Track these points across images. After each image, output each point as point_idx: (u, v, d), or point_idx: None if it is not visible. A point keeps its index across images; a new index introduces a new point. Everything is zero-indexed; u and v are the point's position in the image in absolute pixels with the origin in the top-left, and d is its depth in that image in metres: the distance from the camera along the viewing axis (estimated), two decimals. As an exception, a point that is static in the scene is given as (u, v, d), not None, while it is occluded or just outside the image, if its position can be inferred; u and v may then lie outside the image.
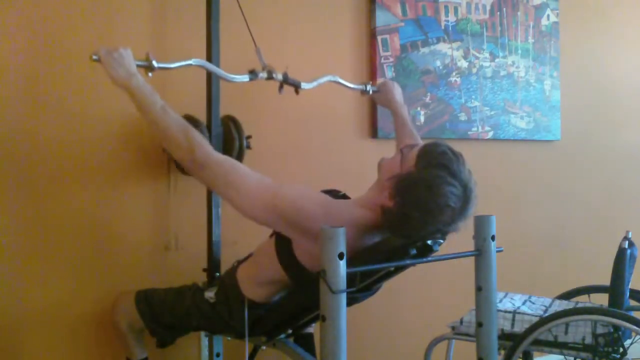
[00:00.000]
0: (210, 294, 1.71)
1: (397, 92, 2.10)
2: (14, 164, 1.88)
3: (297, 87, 1.89)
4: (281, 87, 1.86)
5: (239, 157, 2.04)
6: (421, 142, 1.84)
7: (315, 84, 1.96)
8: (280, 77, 1.84)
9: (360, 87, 2.11)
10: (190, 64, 1.66)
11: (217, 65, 1.93)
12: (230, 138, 2.02)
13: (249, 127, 2.09)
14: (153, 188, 2.10)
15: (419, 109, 2.65)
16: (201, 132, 1.92)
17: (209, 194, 2.00)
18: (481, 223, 1.61)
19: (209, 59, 1.94)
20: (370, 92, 2.11)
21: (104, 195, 2.02)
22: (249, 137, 2.07)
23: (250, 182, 1.52)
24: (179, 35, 2.13)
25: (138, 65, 1.54)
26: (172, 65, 1.63)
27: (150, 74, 1.57)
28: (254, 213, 1.52)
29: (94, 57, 1.51)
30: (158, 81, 1.62)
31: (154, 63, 1.56)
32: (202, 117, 1.99)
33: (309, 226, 1.46)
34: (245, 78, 1.76)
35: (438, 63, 2.70)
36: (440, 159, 1.44)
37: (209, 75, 1.97)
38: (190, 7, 2.12)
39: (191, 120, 1.96)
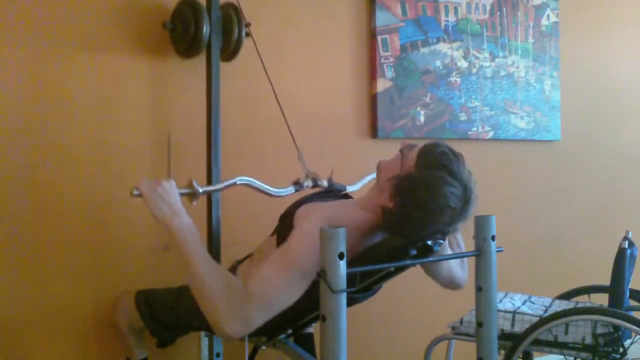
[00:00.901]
0: (210, 294, 1.70)
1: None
2: (14, 164, 1.88)
3: (342, 191, 1.85)
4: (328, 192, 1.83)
5: (238, 45, 2.05)
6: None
7: (360, 185, 1.94)
8: (325, 183, 1.81)
9: None
10: (236, 183, 1.58)
11: (218, 67, 1.93)
12: (229, 24, 2.02)
13: (249, 128, 2.09)
14: (153, 188, 2.10)
15: (419, 109, 2.65)
16: (201, 16, 1.90)
17: (209, 195, 2.00)
18: (481, 223, 1.61)
19: (209, 62, 1.94)
20: None
21: (103, 195, 2.01)
22: (248, 24, 2.06)
23: (279, 282, 1.39)
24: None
25: (182, 194, 1.45)
26: (218, 187, 1.56)
27: (194, 203, 1.48)
28: (302, 291, 1.42)
29: (135, 192, 1.42)
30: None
31: (199, 189, 1.47)
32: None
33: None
34: (291, 190, 1.72)
35: (438, 63, 2.70)
36: (440, 159, 1.44)
37: (209, 76, 1.96)
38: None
39: (192, 3, 1.95)
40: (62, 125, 1.95)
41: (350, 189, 1.89)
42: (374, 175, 1.91)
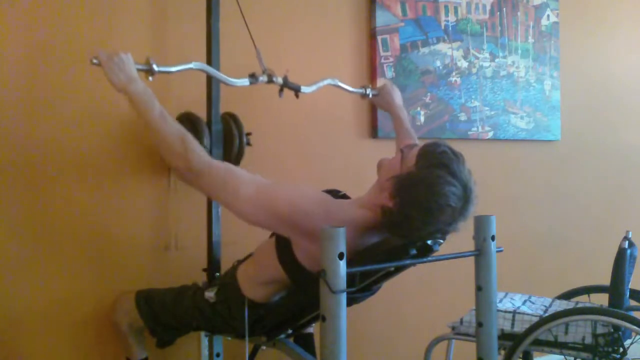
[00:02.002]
0: (210, 294, 1.71)
1: (397, 95, 2.11)
2: (14, 164, 1.88)
3: (297, 91, 1.89)
4: (281, 90, 1.86)
5: (239, 155, 2.05)
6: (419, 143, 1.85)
7: (314, 87, 1.96)
8: (280, 80, 1.84)
9: (360, 90, 2.11)
10: (191, 68, 1.66)
11: (217, 68, 1.93)
12: (230, 135, 2.02)
13: (249, 125, 2.09)
14: (153, 188, 2.10)
15: (419, 109, 2.65)
16: (201, 130, 1.93)
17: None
18: (481, 223, 1.61)
19: (209, 61, 1.95)
20: (370, 95, 2.12)
21: (104, 195, 2.01)
22: (249, 134, 2.07)
23: (249, 186, 1.51)
24: (179, 38, 2.12)
25: (138, 69, 1.54)
26: (173, 69, 1.62)
27: (150, 78, 1.56)
28: (255, 218, 1.51)
29: (94, 61, 1.51)
30: (158, 79, 1.61)
31: (155, 67, 1.55)
32: (202, 114, 1.98)
33: (309, 226, 1.46)
34: (245, 82, 1.76)
35: (438, 63, 2.70)
36: (440, 159, 1.44)
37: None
38: (190, 10, 2.12)
39: (191, 117, 1.96)
40: (62, 125, 1.95)
41: (305, 90, 1.90)
42: (328, 80, 2.00)
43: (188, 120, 1.95)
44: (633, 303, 2.24)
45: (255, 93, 2.24)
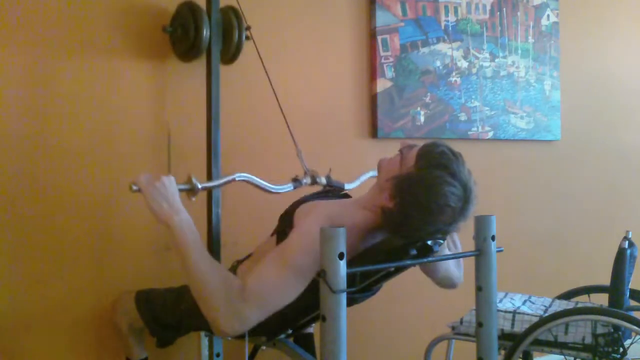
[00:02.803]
0: (210, 294, 1.70)
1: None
2: (14, 164, 1.88)
3: (341, 189, 1.86)
4: (326, 191, 1.83)
5: (238, 47, 2.04)
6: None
7: (358, 183, 1.94)
8: (324, 180, 1.82)
9: None
10: (235, 179, 1.58)
11: (218, 67, 1.93)
12: (229, 27, 2.02)
13: (249, 128, 2.09)
14: (153, 188, 2.10)
15: (419, 109, 2.65)
16: (201, 19, 1.90)
17: (209, 194, 2.00)
18: (481, 223, 1.61)
19: (209, 60, 1.94)
20: None
21: (104, 195, 2.01)
22: (248, 27, 2.05)
23: (277, 281, 1.39)
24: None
25: (181, 190, 1.44)
26: (216, 184, 1.56)
27: (193, 199, 1.47)
28: (300, 291, 1.42)
29: (134, 187, 1.40)
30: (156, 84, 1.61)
31: (198, 185, 1.46)
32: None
33: None
34: (289, 187, 1.72)
35: (438, 63, 2.70)
36: (440, 159, 1.44)
37: (209, 77, 1.96)
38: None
39: (191, 6, 1.95)
40: (62, 126, 1.95)
41: (348, 187, 1.89)
42: (372, 173, 1.92)
43: (188, 9, 1.96)
44: (633, 303, 2.24)
45: (255, 94, 2.24)
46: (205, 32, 1.91)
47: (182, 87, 2.13)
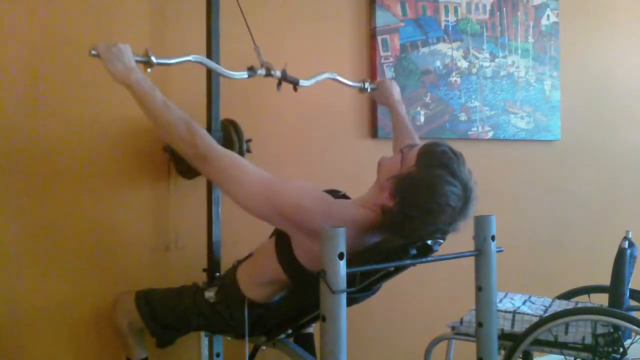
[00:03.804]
0: (210, 294, 1.71)
1: (395, 90, 2.11)
2: (14, 164, 1.88)
3: (295, 84, 1.89)
4: (279, 84, 1.86)
5: None
6: (418, 141, 1.85)
7: (313, 81, 1.96)
8: (278, 73, 1.84)
9: (358, 84, 2.11)
10: (190, 60, 1.66)
11: (217, 63, 1.93)
12: (230, 142, 2.02)
13: (248, 128, 2.09)
14: (153, 188, 2.10)
15: (419, 109, 2.65)
16: None
17: (209, 194, 2.00)
18: (481, 223, 1.61)
19: (209, 56, 1.94)
20: (369, 89, 2.12)
21: (104, 195, 2.02)
22: (249, 140, 2.07)
23: (252, 177, 1.51)
24: (179, 38, 2.12)
25: (137, 61, 1.54)
26: (171, 61, 1.63)
27: (149, 70, 1.57)
28: (254, 208, 1.51)
29: (93, 52, 1.51)
30: (157, 83, 1.61)
31: (153, 59, 1.56)
32: (202, 121, 1.98)
33: (309, 223, 1.46)
34: (243, 74, 1.76)
35: (438, 63, 2.70)
36: (441, 159, 1.44)
37: (209, 78, 1.97)
38: (190, 10, 2.12)
39: None
40: (62, 125, 1.95)
41: (303, 83, 1.90)
42: (327, 75, 1.98)
43: None
44: (633, 303, 2.24)
45: (255, 94, 2.24)
46: None
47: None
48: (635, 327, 1.87)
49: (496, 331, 1.65)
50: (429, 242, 1.49)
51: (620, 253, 2.04)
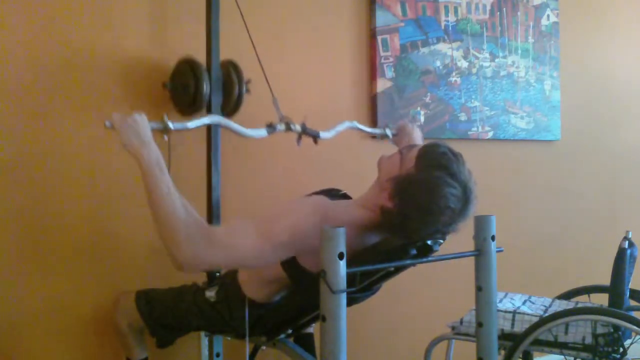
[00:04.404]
0: (210, 294, 1.71)
1: (417, 137, 2.05)
2: (14, 164, 1.88)
3: (315, 138, 1.86)
4: (299, 138, 1.84)
5: (238, 102, 2.05)
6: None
7: (333, 132, 1.94)
8: (298, 128, 1.82)
9: (379, 131, 2.09)
10: (207, 123, 1.62)
11: (217, 65, 1.93)
12: (229, 82, 2.02)
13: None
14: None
15: (419, 109, 2.65)
16: (201, 75, 1.90)
17: (209, 194, 2.00)
18: (481, 223, 1.61)
19: (209, 57, 1.94)
20: (390, 135, 2.08)
21: (104, 195, 2.02)
22: (248, 81, 2.06)
23: (246, 238, 1.43)
24: (178, 37, 2.12)
25: (153, 128, 1.47)
26: (189, 125, 1.57)
27: (165, 137, 1.50)
28: (268, 262, 1.47)
29: (107, 124, 1.44)
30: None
31: (170, 125, 1.49)
32: (201, 59, 1.98)
33: (311, 243, 1.42)
34: (262, 132, 1.72)
35: (438, 63, 2.70)
36: (440, 160, 1.44)
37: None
38: (190, 10, 2.12)
39: (191, 62, 1.96)
40: (61, 125, 1.95)
41: (323, 135, 1.89)
42: (347, 124, 1.97)
43: (188, 66, 1.96)
44: (633, 303, 2.24)
45: (256, 93, 2.24)
46: (206, 89, 1.92)
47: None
48: (635, 327, 1.87)
49: (496, 331, 1.65)
50: (429, 242, 1.49)
51: (620, 253, 2.04)
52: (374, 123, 2.53)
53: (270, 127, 1.74)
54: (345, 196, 1.78)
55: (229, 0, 1.98)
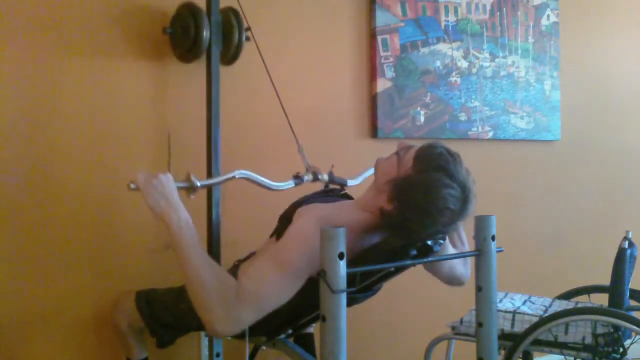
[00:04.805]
0: (210, 294, 1.70)
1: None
2: (13, 164, 1.88)
3: (343, 186, 1.86)
4: (326, 186, 1.84)
5: (238, 48, 2.04)
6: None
7: (361, 179, 1.93)
8: (325, 177, 1.82)
9: None
10: (235, 177, 1.59)
11: (217, 64, 1.93)
12: (229, 28, 2.02)
13: (249, 125, 2.08)
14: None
15: (419, 109, 2.65)
16: (201, 20, 1.90)
17: (209, 194, 2.00)
18: (481, 223, 1.61)
19: (209, 57, 1.94)
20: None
21: (104, 195, 2.01)
22: (248, 28, 2.05)
23: (271, 281, 1.41)
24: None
25: (179, 187, 1.44)
26: (215, 181, 1.56)
27: (192, 196, 1.47)
28: (295, 291, 1.44)
29: (132, 186, 1.41)
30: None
31: (197, 182, 1.46)
32: (201, 5, 1.97)
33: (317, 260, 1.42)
34: (291, 184, 1.71)
35: (438, 63, 2.70)
36: (438, 161, 1.44)
37: None
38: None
39: (191, 7, 1.95)
40: (62, 125, 1.95)
41: (351, 183, 1.89)
42: (372, 171, 1.91)
43: (188, 11, 1.96)
44: (633, 303, 2.24)
45: (255, 92, 2.24)
46: (205, 33, 1.91)
47: (183, 87, 2.13)
48: (635, 327, 1.87)
49: (496, 331, 1.65)
50: (429, 242, 1.49)
51: (620, 253, 2.04)
52: (374, 123, 2.53)
53: (298, 178, 1.73)
54: (346, 196, 1.78)
55: (229, 1, 1.98)
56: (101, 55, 2.00)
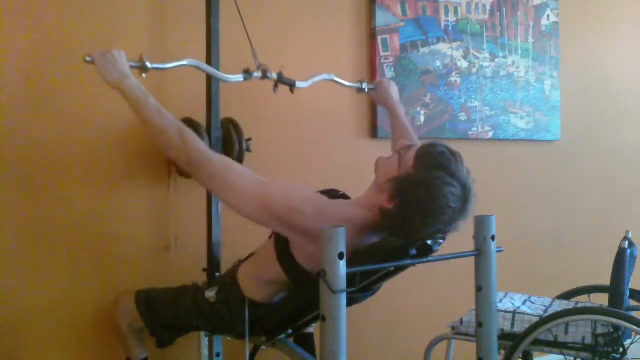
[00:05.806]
0: (210, 294, 1.71)
1: (394, 91, 2.11)
2: (13, 164, 1.88)
3: (292, 86, 1.88)
4: (276, 86, 1.85)
5: (239, 160, 2.04)
6: (417, 142, 1.85)
7: (310, 82, 1.95)
8: (274, 76, 1.83)
9: (356, 85, 2.10)
10: (185, 64, 1.65)
11: (217, 67, 1.93)
12: (230, 141, 2.02)
13: (248, 129, 2.09)
14: (153, 188, 2.10)
15: (419, 109, 2.65)
16: (201, 136, 1.92)
17: (209, 194, 2.00)
18: (481, 223, 1.61)
19: (209, 62, 1.94)
20: (366, 90, 2.11)
21: (104, 195, 2.02)
22: (249, 139, 2.07)
23: (245, 181, 1.51)
24: (178, 39, 2.12)
25: (131, 66, 1.54)
26: (166, 66, 1.62)
27: (144, 75, 1.56)
28: (248, 212, 1.51)
29: (87, 59, 1.51)
30: (157, 84, 1.61)
31: (148, 64, 1.55)
32: (202, 120, 1.98)
33: (302, 224, 1.46)
34: (239, 78, 1.75)
35: (438, 63, 2.70)
36: (439, 160, 1.44)
37: (209, 78, 1.96)
38: (189, 10, 2.12)
39: (191, 123, 1.95)
40: (61, 125, 1.95)
41: (300, 85, 1.89)
42: (324, 76, 1.98)
43: (188, 126, 1.94)
44: (633, 303, 2.24)
45: (255, 95, 2.24)
46: None
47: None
48: (635, 327, 1.87)
49: (496, 331, 1.65)
50: (429, 242, 1.49)
51: (620, 253, 2.04)
52: (374, 123, 2.54)
53: (247, 73, 1.76)
54: (345, 197, 1.78)
55: (229, 2, 1.98)
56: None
